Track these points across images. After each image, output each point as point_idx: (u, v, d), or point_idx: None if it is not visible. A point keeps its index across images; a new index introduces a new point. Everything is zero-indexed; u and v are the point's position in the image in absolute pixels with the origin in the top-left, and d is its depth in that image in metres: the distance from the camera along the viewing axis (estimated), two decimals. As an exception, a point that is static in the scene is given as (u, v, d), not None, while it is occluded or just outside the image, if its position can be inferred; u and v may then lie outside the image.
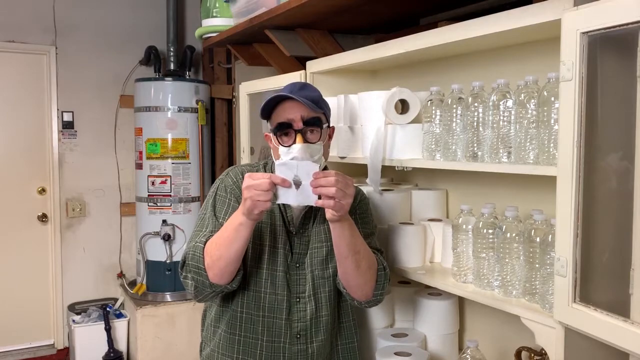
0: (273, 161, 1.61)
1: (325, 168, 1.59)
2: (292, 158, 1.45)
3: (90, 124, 4.18)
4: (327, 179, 1.33)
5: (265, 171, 1.62)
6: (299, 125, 1.49)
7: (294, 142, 1.48)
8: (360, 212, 1.66)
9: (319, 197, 1.36)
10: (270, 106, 1.52)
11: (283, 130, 1.50)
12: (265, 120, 1.58)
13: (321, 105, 1.54)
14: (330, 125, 1.60)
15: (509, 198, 1.70)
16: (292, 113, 1.49)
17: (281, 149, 1.50)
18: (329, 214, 1.39)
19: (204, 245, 1.45)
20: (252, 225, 1.40)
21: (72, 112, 4.12)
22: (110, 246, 4.26)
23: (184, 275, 1.49)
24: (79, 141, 4.16)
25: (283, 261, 1.55)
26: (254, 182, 1.35)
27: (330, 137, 1.61)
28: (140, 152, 3.83)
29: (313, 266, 1.58)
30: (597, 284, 1.21)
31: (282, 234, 1.56)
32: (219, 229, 1.48)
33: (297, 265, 1.57)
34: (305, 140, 1.49)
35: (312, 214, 1.59)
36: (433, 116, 1.65)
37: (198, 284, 1.47)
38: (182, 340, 3.64)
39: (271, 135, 1.55)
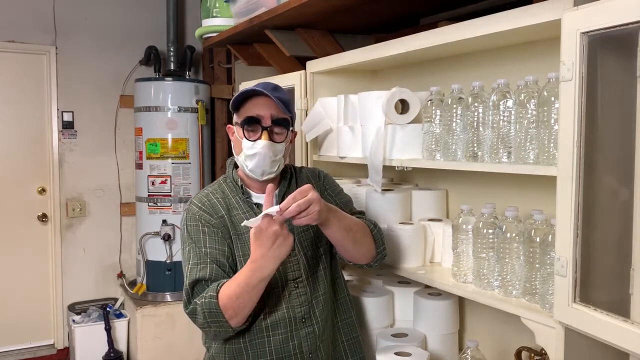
0: (232, 168, 1.64)
1: (292, 169, 1.65)
2: (254, 153, 1.51)
3: (90, 124, 4.18)
4: (289, 210, 1.35)
5: (227, 184, 1.63)
6: (267, 122, 1.52)
7: (260, 138, 1.51)
8: (329, 187, 1.73)
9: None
10: (241, 99, 1.54)
11: (251, 124, 1.52)
12: (234, 113, 1.60)
13: (290, 109, 1.57)
14: (294, 130, 1.63)
15: (509, 198, 1.70)
16: (263, 110, 1.52)
17: (245, 143, 1.52)
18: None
19: (217, 298, 1.41)
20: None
21: (72, 112, 4.12)
22: (110, 246, 4.26)
23: (201, 325, 1.47)
24: (79, 141, 4.15)
25: None
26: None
27: (291, 141, 1.63)
28: (140, 152, 3.83)
29: (305, 248, 1.60)
30: (597, 284, 1.21)
31: None
32: (204, 258, 1.49)
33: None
34: (271, 139, 1.52)
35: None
36: (433, 116, 1.65)
37: (219, 332, 1.48)
38: (182, 340, 3.64)
39: (235, 128, 1.58)
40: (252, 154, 1.52)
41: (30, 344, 4.08)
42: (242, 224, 1.43)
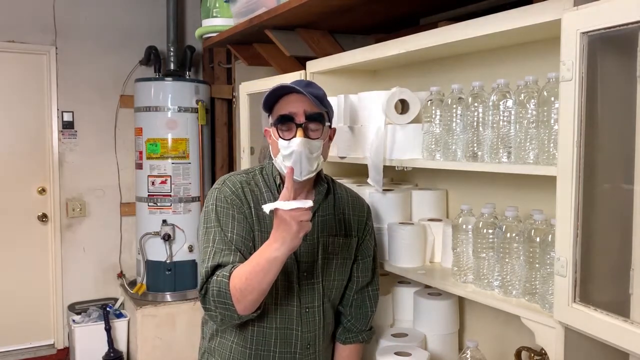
0: (270, 162, 1.57)
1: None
2: (291, 152, 1.44)
3: (90, 124, 4.18)
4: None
5: (263, 177, 1.57)
6: (300, 119, 1.45)
7: (295, 136, 1.45)
8: (370, 229, 1.70)
9: None
10: (274, 97, 1.48)
11: (284, 123, 1.46)
12: (267, 114, 1.55)
13: (325, 104, 1.50)
14: (332, 126, 1.58)
15: (509, 198, 1.70)
16: (296, 107, 1.45)
17: (281, 143, 1.46)
18: None
19: (229, 279, 1.36)
20: (287, 256, 1.34)
21: (72, 112, 4.12)
22: (110, 246, 4.26)
23: (208, 308, 1.41)
24: (79, 141, 4.16)
25: (292, 271, 1.52)
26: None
27: (330, 138, 1.57)
28: (140, 152, 3.83)
29: (324, 276, 1.58)
30: (597, 284, 1.21)
31: None
32: (229, 245, 1.44)
33: (305, 274, 1.55)
34: (306, 136, 1.45)
35: (316, 220, 1.56)
36: (433, 116, 1.65)
37: (225, 317, 1.41)
38: (182, 340, 3.64)
39: (271, 130, 1.52)
40: (288, 153, 1.44)
41: (30, 344, 4.08)
42: (263, 207, 1.34)
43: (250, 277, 1.34)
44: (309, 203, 1.29)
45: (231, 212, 1.49)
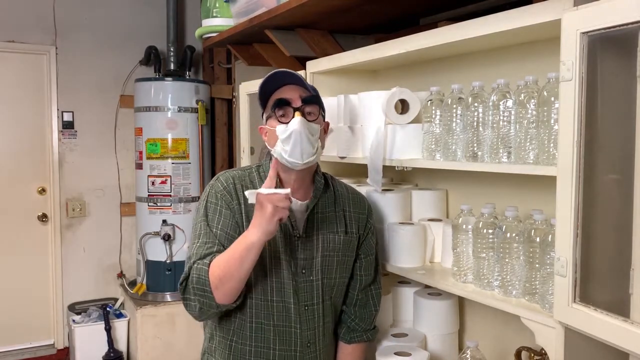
0: (267, 160, 1.58)
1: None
2: (290, 133, 1.44)
3: (90, 124, 4.18)
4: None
5: (259, 174, 1.58)
6: (297, 103, 1.48)
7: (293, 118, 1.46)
8: (372, 227, 1.70)
9: None
10: (269, 86, 1.51)
11: (281, 107, 1.48)
12: (261, 111, 1.56)
13: (317, 95, 1.53)
14: (325, 119, 1.59)
15: (509, 198, 1.70)
16: (291, 94, 1.48)
17: (279, 128, 1.46)
18: None
19: (208, 267, 1.39)
20: (264, 243, 1.37)
21: (72, 112, 4.12)
22: (110, 246, 4.26)
23: (186, 297, 1.44)
24: (79, 141, 4.16)
25: (287, 268, 1.52)
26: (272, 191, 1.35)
27: (325, 130, 1.58)
28: (140, 152, 3.83)
29: (323, 274, 1.57)
30: (597, 284, 1.21)
31: (283, 240, 1.51)
32: (213, 239, 1.46)
33: (304, 271, 1.54)
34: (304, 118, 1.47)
35: (315, 217, 1.57)
36: (433, 116, 1.65)
37: (204, 306, 1.42)
38: (182, 340, 3.64)
39: (267, 123, 1.53)
40: (287, 135, 1.44)
41: (30, 344, 4.08)
42: (245, 192, 1.40)
43: (228, 264, 1.37)
44: (287, 190, 1.35)
45: (219, 207, 1.51)
